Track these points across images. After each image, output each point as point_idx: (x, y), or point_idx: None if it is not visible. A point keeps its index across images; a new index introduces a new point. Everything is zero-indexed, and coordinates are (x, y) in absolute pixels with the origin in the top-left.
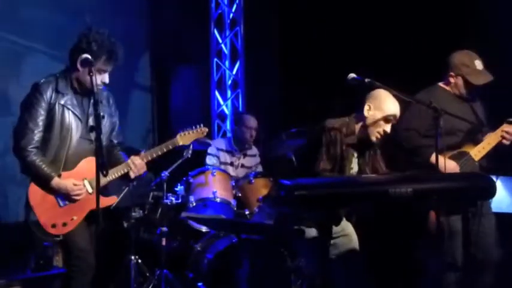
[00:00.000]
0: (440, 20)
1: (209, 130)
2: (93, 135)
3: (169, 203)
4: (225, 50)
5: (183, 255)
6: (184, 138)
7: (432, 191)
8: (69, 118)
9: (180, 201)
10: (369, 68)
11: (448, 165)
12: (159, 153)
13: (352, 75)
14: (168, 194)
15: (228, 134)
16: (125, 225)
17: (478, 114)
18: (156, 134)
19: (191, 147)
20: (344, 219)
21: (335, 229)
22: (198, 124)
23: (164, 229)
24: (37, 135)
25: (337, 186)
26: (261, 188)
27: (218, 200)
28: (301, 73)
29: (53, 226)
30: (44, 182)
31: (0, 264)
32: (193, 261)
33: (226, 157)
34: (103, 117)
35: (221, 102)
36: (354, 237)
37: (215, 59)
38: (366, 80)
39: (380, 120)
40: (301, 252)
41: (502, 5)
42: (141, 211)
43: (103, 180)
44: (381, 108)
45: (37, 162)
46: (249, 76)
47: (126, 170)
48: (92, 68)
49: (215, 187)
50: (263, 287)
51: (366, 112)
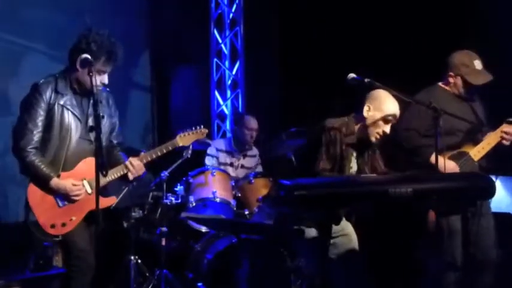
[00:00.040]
0: (440, 20)
1: (209, 130)
2: (92, 135)
3: (169, 203)
4: (225, 50)
5: (183, 255)
6: (184, 139)
7: (432, 191)
8: (68, 118)
9: (180, 201)
10: (369, 68)
11: (448, 165)
12: (159, 154)
13: (351, 75)
14: (168, 194)
15: (228, 134)
16: (125, 225)
17: (478, 114)
18: (156, 134)
19: (191, 147)
20: (344, 218)
21: (335, 228)
22: (198, 124)
23: (164, 229)
24: (36, 135)
25: (336, 186)
26: (261, 188)
27: (218, 200)
28: (301, 73)
29: (52, 226)
30: (43, 182)
31: None
32: (193, 261)
33: (225, 158)
34: (102, 117)
35: (221, 102)
36: (354, 236)
37: (215, 59)
38: (366, 80)
39: (379, 120)
40: (300, 252)
41: (502, 5)
42: (141, 211)
43: (102, 180)
44: (381, 108)
45: (36, 162)
46: (249, 76)
47: (124, 172)
48: (92, 68)
49: (215, 187)
50: (263, 287)
51: (366, 113)
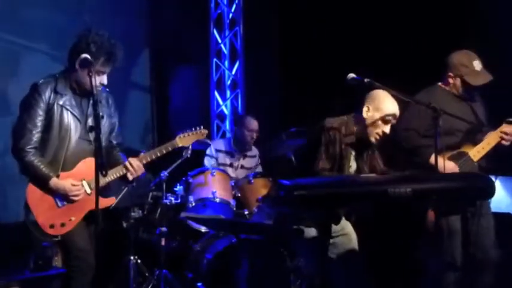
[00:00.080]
0: (440, 20)
1: (208, 130)
2: (92, 135)
3: (168, 203)
4: (225, 50)
5: (183, 255)
6: (183, 140)
7: (431, 191)
8: (68, 119)
9: (180, 201)
10: (369, 68)
11: (447, 165)
12: (158, 154)
13: (351, 75)
14: (168, 194)
15: (228, 135)
16: (124, 225)
17: (478, 114)
18: (155, 134)
19: (190, 147)
20: (343, 218)
21: (334, 228)
22: (198, 125)
23: (163, 229)
24: (35, 135)
25: (336, 186)
26: (261, 188)
27: (217, 200)
28: (301, 73)
29: (51, 226)
30: (42, 183)
31: None
32: (192, 261)
33: (225, 158)
34: (102, 117)
35: (220, 102)
36: (353, 236)
37: (214, 59)
38: (366, 80)
39: (379, 120)
40: (300, 252)
41: (502, 5)
42: (141, 211)
43: (102, 180)
44: (380, 108)
45: (35, 162)
46: (249, 76)
47: (124, 172)
48: (91, 69)
49: (214, 187)
50: (262, 287)
51: (365, 113)
